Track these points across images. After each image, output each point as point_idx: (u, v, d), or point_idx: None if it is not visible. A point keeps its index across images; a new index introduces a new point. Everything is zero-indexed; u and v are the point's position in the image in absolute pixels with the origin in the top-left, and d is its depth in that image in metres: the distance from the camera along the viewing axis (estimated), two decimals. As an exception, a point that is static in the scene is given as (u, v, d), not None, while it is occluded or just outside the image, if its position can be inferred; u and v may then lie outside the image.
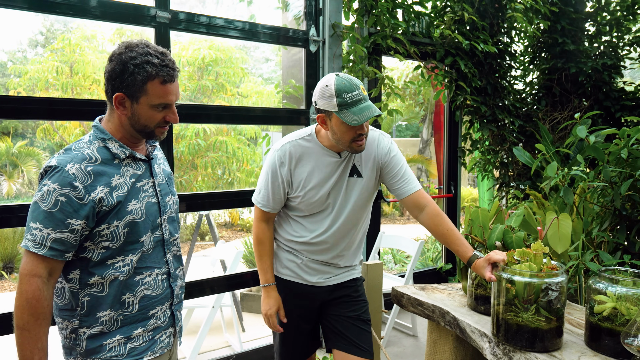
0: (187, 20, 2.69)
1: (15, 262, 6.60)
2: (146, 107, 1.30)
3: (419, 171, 11.61)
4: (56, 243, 1.23)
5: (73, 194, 1.23)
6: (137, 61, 1.26)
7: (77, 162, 1.26)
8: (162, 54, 1.29)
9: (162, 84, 1.29)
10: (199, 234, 8.42)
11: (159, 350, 1.40)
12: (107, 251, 1.30)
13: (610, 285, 1.42)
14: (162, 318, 1.42)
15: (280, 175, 1.75)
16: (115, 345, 1.32)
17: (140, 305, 1.36)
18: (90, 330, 1.31)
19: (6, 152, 11.41)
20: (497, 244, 1.75)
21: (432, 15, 3.89)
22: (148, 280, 1.37)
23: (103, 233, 1.28)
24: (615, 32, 4.37)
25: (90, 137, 1.33)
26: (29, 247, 1.22)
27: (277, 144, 1.79)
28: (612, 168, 2.09)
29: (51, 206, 1.22)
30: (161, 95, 1.30)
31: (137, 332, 1.35)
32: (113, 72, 1.28)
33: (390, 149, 1.81)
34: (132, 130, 1.34)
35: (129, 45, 1.29)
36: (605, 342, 1.40)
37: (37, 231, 1.22)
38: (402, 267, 5.88)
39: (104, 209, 1.27)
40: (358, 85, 1.61)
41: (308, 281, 1.83)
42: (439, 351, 1.95)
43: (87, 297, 1.30)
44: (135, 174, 1.36)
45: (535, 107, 4.34)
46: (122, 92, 1.28)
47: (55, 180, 1.23)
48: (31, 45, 19.10)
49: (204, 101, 8.71)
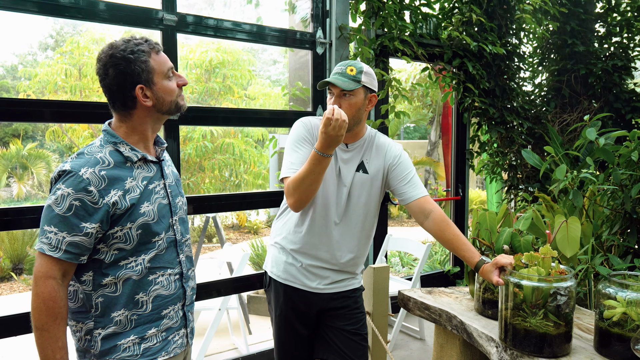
0: (194, 23, 2.70)
1: (25, 263, 6.65)
2: (161, 83, 1.34)
3: (427, 173, 11.57)
4: (71, 246, 1.24)
5: (87, 198, 1.24)
6: (130, 50, 1.30)
7: (90, 166, 1.27)
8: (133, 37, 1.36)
9: (157, 53, 1.35)
10: (206, 236, 8.45)
11: (172, 350, 1.41)
12: (120, 252, 1.31)
13: (620, 290, 1.40)
14: (175, 318, 1.42)
15: (307, 137, 1.77)
16: (129, 345, 1.33)
17: (154, 305, 1.36)
18: (105, 330, 1.31)
19: (16, 154, 11.53)
20: (505, 247, 1.73)
21: (440, 16, 3.87)
22: (161, 280, 1.38)
23: (116, 235, 1.29)
24: (625, 33, 4.33)
25: (101, 141, 1.35)
26: (44, 250, 1.23)
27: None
28: (622, 171, 2.06)
29: (65, 210, 1.23)
30: (164, 62, 1.36)
31: (151, 332, 1.36)
32: (120, 74, 1.30)
33: (400, 155, 1.81)
34: (157, 116, 1.37)
35: (110, 47, 1.32)
36: (615, 348, 1.38)
37: (52, 234, 1.23)
38: (410, 270, 5.86)
39: (117, 212, 1.28)
40: (347, 64, 1.71)
41: (307, 286, 1.80)
42: (446, 355, 1.94)
43: (100, 298, 1.31)
44: (147, 176, 1.37)
45: (544, 109, 4.31)
46: (139, 83, 1.31)
47: (70, 184, 1.24)
48: (41, 48, 19.32)
49: (211, 103, 8.74)
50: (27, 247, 6.66)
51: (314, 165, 1.56)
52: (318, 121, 1.81)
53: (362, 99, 1.71)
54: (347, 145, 1.78)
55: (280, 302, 1.83)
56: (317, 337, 1.87)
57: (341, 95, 1.69)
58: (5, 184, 11.50)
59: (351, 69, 1.69)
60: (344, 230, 1.78)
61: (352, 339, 1.81)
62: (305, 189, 1.61)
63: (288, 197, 1.67)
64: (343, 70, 1.69)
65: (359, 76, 1.68)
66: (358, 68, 1.70)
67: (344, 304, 1.83)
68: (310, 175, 1.58)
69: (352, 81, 1.67)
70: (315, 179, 1.59)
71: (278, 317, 1.86)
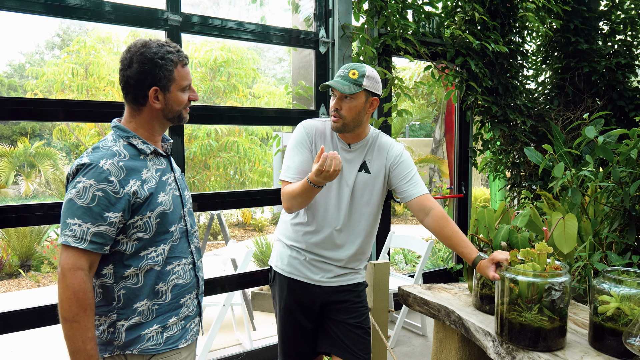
0: (198, 23, 2.73)
1: (33, 260, 6.73)
2: (176, 93, 1.40)
3: (431, 171, 11.57)
4: (96, 237, 1.27)
5: (110, 188, 1.28)
6: (160, 55, 1.35)
7: (109, 157, 1.31)
8: (168, 43, 1.40)
9: (183, 67, 1.41)
10: (211, 233, 8.50)
11: (190, 338, 1.46)
12: (140, 242, 1.35)
13: (614, 286, 1.42)
14: (191, 307, 1.47)
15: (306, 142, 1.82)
16: (153, 334, 1.37)
17: (173, 295, 1.41)
18: (128, 322, 1.35)
19: (24, 152, 11.64)
20: (503, 244, 1.76)
21: (443, 15, 3.89)
22: (178, 269, 1.43)
23: (137, 224, 1.34)
24: (629, 30, 4.32)
25: (113, 136, 1.40)
26: (70, 242, 1.26)
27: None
28: (621, 168, 2.08)
29: (89, 201, 1.27)
30: (185, 77, 1.41)
31: (172, 320, 1.41)
32: (142, 72, 1.35)
33: (401, 155, 1.85)
34: (163, 121, 1.43)
35: (144, 45, 1.36)
36: (609, 342, 1.41)
37: (77, 226, 1.26)
38: (413, 267, 5.88)
39: (137, 201, 1.32)
40: (350, 67, 1.74)
41: (311, 279, 1.84)
42: (445, 350, 1.97)
43: (122, 290, 1.35)
44: (160, 168, 1.43)
45: (547, 107, 4.31)
46: (156, 86, 1.36)
47: (91, 176, 1.28)
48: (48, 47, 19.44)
49: (216, 102, 8.79)
50: (35, 244, 6.74)
51: (305, 191, 1.65)
52: (320, 124, 1.86)
53: (363, 102, 1.75)
54: (349, 145, 1.82)
55: (285, 295, 1.87)
56: (320, 331, 1.90)
57: (342, 98, 1.73)
58: (13, 181, 11.61)
59: (354, 72, 1.72)
60: (347, 230, 1.82)
61: (355, 332, 1.85)
62: (296, 204, 1.72)
63: (282, 201, 1.78)
64: (345, 74, 1.73)
65: (360, 80, 1.72)
66: (361, 72, 1.73)
67: (347, 298, 1.87)
68: (301, 195, 1.67)
69: (353, 85, 1.71)
70: (305, 200, 1.70)
71: (282, 310, 1.89)
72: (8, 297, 5.62)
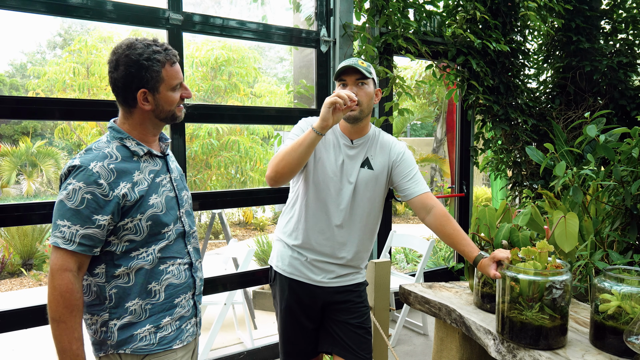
0: (199, 22, 2.74)
1: (35, 259, 6.75)
2: (166, 93, 1.38)
3: (433, 170, 11.56)
4: (85, 239, 1.28)
5: (98, 191, 1.28)
6: (146, 56, 1.33)
7: (99, 160, 1.31)
8: (155, 41, 1.37)
9: (172, 65, 1.38)
10: (212, 232, 8.51)
11: (185, 339, 1.45)
12: (130, 244, 1.35)
13: (615, 284, 1.42)
14: (187, 307, 1.47)
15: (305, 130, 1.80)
16: (145, 334, 1.36)
17: (166, 294, 1.40)
18: (120, 321, 1.35)
19: (26, 151, 11.67)
20: (504, 242, 1.76)
21: (444, 14, 3.88)
22: (172, 269, 1.42)
23: (127, 227, 1.33)
24: (631, 29, 4.32)
25: (107, 137, 1.39)
26: (59, 243, 1.27)
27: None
28: (623, 167, 2.08)
29: (78, 204, 1.27)
30: (175, 76, 1.38)
31: (165, 320, 1.40)
32: (129, 75, 1.33)
33: (403, 153, 1.85)
34: (156, 121, 1.41)
35: (129, 46, 1.33)
36: (610, 341, 1.41)
37: (66, 228, 1.27)
38: (415, 266, 5.88)
39: (127, 203, 1.32)
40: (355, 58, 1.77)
41: (312, 280, 1.83)
42: (446, 349, 1.97)
43: (114, 289, 1.35)
44: (154, 170, 1.42)
45: (549, 106, 4.30)
46: (144, 88, 1.34)
47: (80, 178, 1.28)
48: (50, 46, 19.46)
49: (217, 101, 8.80)
50: (37, 243, 6.76)
51: (305, 141, 1.61)
52: None
53: (373, 90, 1.79)
54: (352, 141, 1.82)
55: (286, 296, 1.87)
56: (321, 331, 1.90)
57: (357, 84, 1.74)
58: (15, 181, 11.64)
59: (361, 62, 1.75)
60: (348, 227, 1.81)
61: (357, 332, 1.84)
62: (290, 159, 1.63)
63: (270, 168, 1.69)
64: (355, 62, 1.75)
65: (369, 68, 1.76)
66: (366, 62, 1.77)
67: (348, 298, 1.87)
68: (300, 145, 1.61)
69: (367, 71, 1.74)
70: (301, 155, 1.62)
71: (283, 310, 1.89)
72: (10, 296, 5.63)
